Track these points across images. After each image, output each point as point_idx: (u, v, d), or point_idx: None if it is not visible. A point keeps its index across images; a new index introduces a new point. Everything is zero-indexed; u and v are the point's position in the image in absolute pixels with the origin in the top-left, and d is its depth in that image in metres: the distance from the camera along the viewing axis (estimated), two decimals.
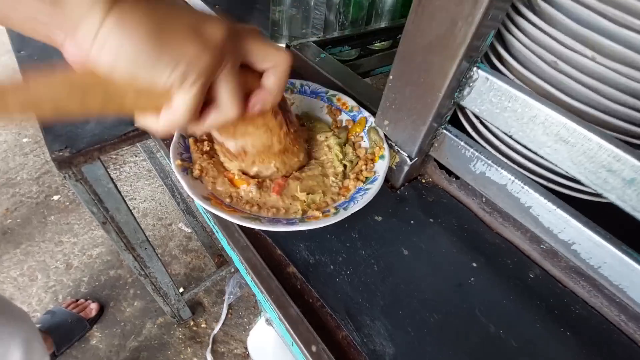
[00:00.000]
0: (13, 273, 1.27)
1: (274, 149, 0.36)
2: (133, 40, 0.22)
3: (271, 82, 0.30)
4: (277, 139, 0.36)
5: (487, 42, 0.33)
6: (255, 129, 0.34)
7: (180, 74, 0.24)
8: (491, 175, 0.38)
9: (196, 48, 0.24)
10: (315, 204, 0.37)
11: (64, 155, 0.55)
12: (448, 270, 0.37)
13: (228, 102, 0.28)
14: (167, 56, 0.23)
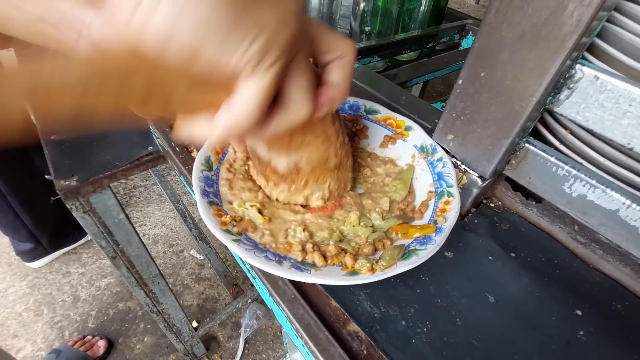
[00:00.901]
0: (18, 308, 1.20)
1: (330, 163, 0.30)
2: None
3: (339, 75, 0.24)
4: (334, 151, 0.30)
5: (596, 33, 0.26)
6: (314, 138, 0.28)
7: (261, 48, 0.17)
8: (595, 198, 0.30)
9: (280, 15, 0.17)
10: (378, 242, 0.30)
11: (70, 184, 0.49)
12: (548, 321, 0.29)
13: (300, 100, 0.22)
14: (248, 22, 0.16)
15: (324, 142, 0.29)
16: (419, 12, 0.74)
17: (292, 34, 0.18)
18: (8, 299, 1.22)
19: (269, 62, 0.18)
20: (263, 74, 0.18)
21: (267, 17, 0.17)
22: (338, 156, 0.30)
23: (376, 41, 0.67)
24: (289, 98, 0.22)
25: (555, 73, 0.26)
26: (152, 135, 0.51)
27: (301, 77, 0.21)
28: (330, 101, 0.24)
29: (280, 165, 0.29)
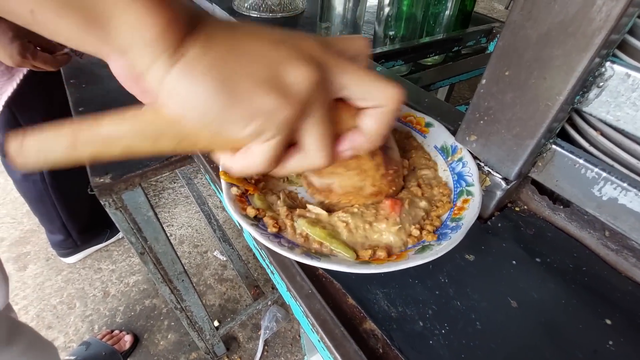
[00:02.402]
0: (53, 301, 1.27)
1: (365, 191, 0.30)
2: (200, 93, 0.19)
3: (369, 125, 0.23)
4: (370, 182, 0.29)
5: (627, 29, 0.25)
6: (346, 171, 0.28)
7: (255, 130, 0.20)
8: (627, 202, 0.28)
9: (273, 101, 0.19)
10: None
11: (104, 181, 0.52)
12: (574, 329, 0.28)
13: (315, 151, 0.22)
14: (240, 110, 0.19)
15: (358, 174, 0.29)
16: (444, 16, 0.74)
17: (289, 115, 0.20)
18: (44, 292, 1.29)
19: (267, 136, 0.20)
20: (266, 142, 0.21)
21: (262, 104, 0.19)
22: (376, 186, 0.30)
23: (400, 45, 0.67)
24: (306, 147, 0.22)
25: (583, 71, 0.25)
26: None
27: (315, 132, 0.22)
28: (353, 149, 0.24)
29: (315, 183, 0.30)
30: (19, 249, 1.42)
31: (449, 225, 0.30)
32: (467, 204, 0.31)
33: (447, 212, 0.32)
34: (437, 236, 0.29)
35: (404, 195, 0.33)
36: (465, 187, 0.32)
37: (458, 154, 0.35)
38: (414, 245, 0.29)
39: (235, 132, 0.20)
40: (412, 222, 0.30)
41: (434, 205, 0.33)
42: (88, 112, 0.66)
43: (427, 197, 0.33)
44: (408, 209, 0.31)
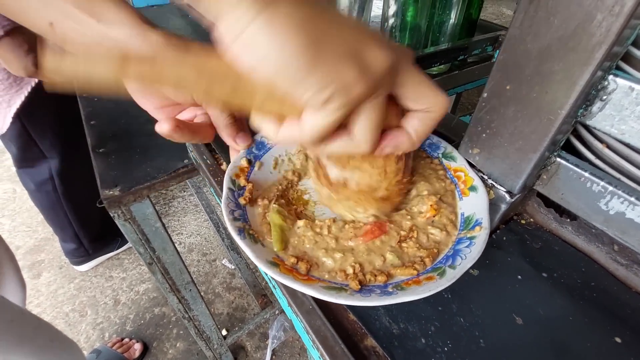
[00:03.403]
0: (65, 308, 1.29)
1: (377, 193, 0.30)
2: (285, 48, 0.18)
3: (415, 127, 0.25)
4: (386, 185, 0.30)
5: (630, 41, 0.25)
6: (371, 168, 0.28)
7: (327, 95, 0.20)
8: (635, 216, 0.28)
9: (352, 74, 0.20)
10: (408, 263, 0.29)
11: (114, 194, 0.53)
12: (582, 347, 0.27)
13: (364, 136, 0.23)
14: (319, 74, 0.19)
15: (379, 174, 0.29)
16: (449, 25, 0.74)
17: (359, 93, 0.20)
18: (57, 299, 1.32)
19: (334, 107, 0.20)
20: (327, 114, 0.20)
21: (341, 74, 0.19)
22: (389, 191, 0.30)
23: None
24: (353, 131, 0.23)
25: (584, 85, 0.25)
26: (187, 149, 0.54)
27: (370, 117, 0.22)
28: (394, 146, 0.25)
29: (332, 175, 0.30)
30: (34, 257, 1.45)
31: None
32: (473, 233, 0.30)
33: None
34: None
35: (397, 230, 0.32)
36: (446, 266, 0.28)
37: (475, 231, 0.31)
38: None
39: (306, 95, 0.20)
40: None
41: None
42: (99, 125, 0.68)
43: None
44: (386, 241, 0.30)
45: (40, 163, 0.99)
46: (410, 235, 0.31)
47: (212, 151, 0.44)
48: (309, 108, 0.21)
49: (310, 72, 0.19)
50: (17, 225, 1.58)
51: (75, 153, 1.03)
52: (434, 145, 0.39)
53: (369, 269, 0.28)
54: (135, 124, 0.69)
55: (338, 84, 0.19)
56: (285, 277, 0.25)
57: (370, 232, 0.30)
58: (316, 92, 0.20)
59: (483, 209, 0.32)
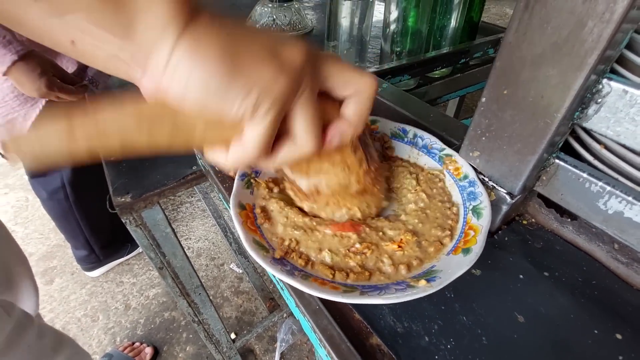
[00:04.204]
0: (77, 313, 1.31)
1: (351, 189, 0.31)
2: (204, 66, 0.20)
3: (352, 111, 0.26)
4: (355, 178, 0.30)
5: (623, 45, 0.26)
6: (332, 166, 0.29)
7: (253, 101, 0.21)
8: (633, 215, 0.28)
9: (271, 72, 0.20)
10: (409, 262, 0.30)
11: (126, 200, 0.55)
12: (584, 344, 0.28)
13: (304, 134, 0.24)
14: (240, 82, 0.20)
15: (342, 170, 0.30)
16: (450, 28, 0.75)
17: (283, 88, 0.21)
18: (70, 305, 1.34)
19: (264, 110, 0.21)
20: (260, 119, 0.21)
21: (261, 75, 0.20)
22: (361, 183, 0.31)
23: (406, 60, 0.68)
24: (295, 132, 0.24)
25: (579, 89, 0.26)
26: (196, 156, 0.56)
27: (304, 115, 0.23)
28: (339, 135, 0.26)
29: (302, 186, 0.31)
30: (46, 264, 1.48)
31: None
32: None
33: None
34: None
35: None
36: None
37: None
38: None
39: (233, 108, 0.21)
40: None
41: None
42: None
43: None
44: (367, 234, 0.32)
45: (52, 172, 1.02)
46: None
47: None
48: (243, 122, 0.22)
49: (232, 82, 0.20)
50: (30, 233, 1.61)
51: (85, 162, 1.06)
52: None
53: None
54: None
55: (260, 86, 0.20)
56: (288, 277, 0.26)
57: (342, 226, 0.31)
58: (242, 100, 0.20)
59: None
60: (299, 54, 0.22)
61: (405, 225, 0.33)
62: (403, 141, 0.41)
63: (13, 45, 0.65)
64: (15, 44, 0.65)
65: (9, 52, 0.64)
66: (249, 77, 0.20)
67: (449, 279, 0.26)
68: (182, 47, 0.19)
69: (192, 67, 0.19)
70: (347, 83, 0.25)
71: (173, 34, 0.19)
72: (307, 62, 0.22)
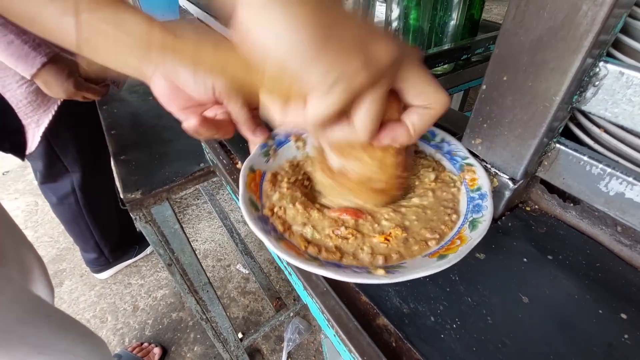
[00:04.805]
0: (87, 315, 1.33)
1: (374, 185, 0.32)
2: (298, 31, 0.20)
3: (414, 122, 0.26)
4: (384, 177, 0.31)
5: (617, 30, 0.27)
6: (369, 160, 0.30)
7: (331, 82, 0.21)
8: (634, 196, 0.29)
9: (357, 64, 0.21)
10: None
11: (136, 197, 0.56)
12: (588, 323, 0.28)
13: (363, 125, 0.24)
14: (325, 60, 0.20)
15: (378, 167, 0.30)
16: (451, 26, 0.76)
17: (361, 83, 0.21)
18: (79, 307, 1.36)
19: (336, 93, 0.21)
20: (329, 99, 0.22)
21: (346, 62, 0.21)
22: (386, 184, 0.32)
23: None
24: (356, 119, 0.24)
25: (576, 72, 0.26)
26: (204, 152, 0.57)
27: (370, 108, 0.23)
28: (392, 138, 0.27)
29: (333, 163, 0.32)
30: (56, 266, 1.50)
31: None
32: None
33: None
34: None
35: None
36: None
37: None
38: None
39: (312, 78, 0.21)
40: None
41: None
42: (119, 135, 0.72)
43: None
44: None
45: (63, 178, 1.04)
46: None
47: (228, 152, 0.47)
48: (313, 92, 0.22)
49: (319, 57, 0.20)
50: (39, 236, 1.64)
51: (95, 166, 1.08)
52: (456, 155, 0.39)
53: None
54: (153, 132, 0.72)
55: (342, 71, 0.21)
56: (265, 236, 0.28)
57: (345, 210, 0.32)
58: (322, 76, 0.21)
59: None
60: (388, 54, 0.22)
61: (402, 218, 0.33)
62: (429, 144, 0.41)
63: (42, 48, 0.66)
64: (44, 47, 0.67)
65: (38, 55, 0.66)
66: (335, 59, 0.20)
67: (406, 277, 0.26)
68: (282, 2, 0.19)
69: (288, 24, 0.20)
70: (420, 94, 0.25)
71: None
72: (393, 63, 0.22)
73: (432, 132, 0.41)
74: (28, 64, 0.65)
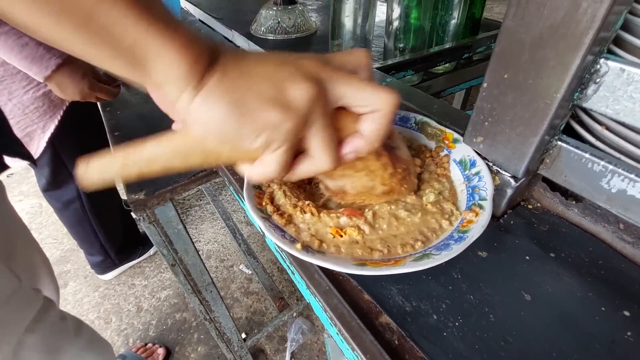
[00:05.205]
0: (91, 316, 1.34)
1: (376, 190, 0.32)
2: (219, 113, 0.23)
3: (367, 128, 0.26)
4: (380, 181, 0.32)
5: (617, 27, 0.27)
6: (355, 172, 0.31)
7: (264, 141, 0.24)
8: (636, 193, 0.29)
9: (277, 116, 0.23)
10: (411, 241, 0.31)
11: (139, 198, 0.56)
12: (591, 321, 0.28)
13: (321, 156, 0.26)
14: (250, 125, 0.23)
15: (366, 175, 0.31)
16: (452, 25, 0.76)
17: (291, 127, 0.23)
18: (83, 308, 1.36)
19: (275, 146, 0.24)
20: (274, 152, 0.25)
21: (267, 119, 0.23)
22: (386, 185, 0.32)
23: (410, 56, 0.69)
24: (312, 152, 0.26)
25: (576, 69, 0.26)
26: None
27: (318, 139, 0.25)
28: (355, 151, 0.27)
29: (329, 185, 0.33)
30: (60, 268, 1.51)
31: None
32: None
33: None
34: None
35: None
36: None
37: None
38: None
39: (248, 144, 0.24)
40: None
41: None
42: (123, 136, 0.72)
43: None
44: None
45: (68, 184, 1.04)
46: None
47: None
48: (256, 154, 0.25)
49: (243, 125, 0.23)
50: (44, 238, 1.65)
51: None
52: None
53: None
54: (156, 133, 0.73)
55: (268, 127, 0.23)
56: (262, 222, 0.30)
57: (353, 211, 0.33)
58: (254, 139, 0.23)
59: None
60: (305, 93, 0.23)
61: (374, 220, 0.33)
62: (463, 172, 0.38)
63: (56, 50, 0.67)
64: (57, 49, 0.67)
65: (53, 56, 0.66)
66: (257, 120, 0.23)
67: (374, 272, 0.28)
68: (199, 100, 0.22)
69: (209, 115, 0.23)
70: (362, 102, 0.25)
71: (189, 92, 0.22)
72: (315, 98, 0.23)
73: (474, 162, 0.37)
74: (43, 65, 0.66)
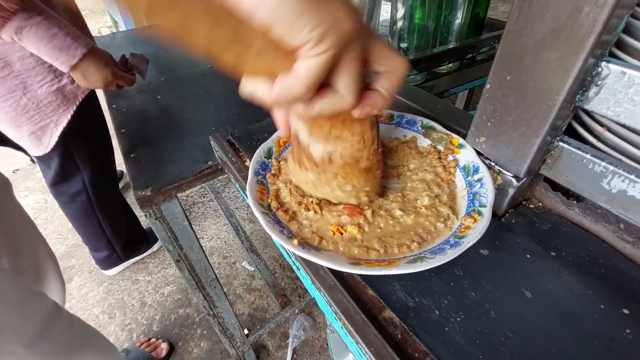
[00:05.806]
0: (95, 310, 1.35)
1: (360, 164, 0.33)
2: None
3: (384, 86, 0.28)
4: (366, 154, 0.32)
5: (619, 30, 0.27)
6: (350, 135, 0.31)
7: (320, 33, 0.22)
8: (636, 193, 0.30)
9: (343, 12, 0.22)
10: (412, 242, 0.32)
11: (146, 194, 0.57)
12: (590, 318, 0.29)
13: (347, 89, 0.26)
14: (313, 12, 0.21)
15: (359, 142, 0.32)
16: (456, 25, 0.76)
17: (347, 31, 0.22)
18: (88, 302, 1.38)
19: (323, 48, 0.22)
20: (317, 57, 0.22)
21: (333, 12, 0.22)
22: (370, 160, 0.33)
23: (414, 55, 0.70)
24: (337, 86, 0.26)
25: (578, 71, 0.27)
26: (212, 150, 0.58)
27: (351, 71, 0.25)
28: (371, 104, 0.28)
29: (316, 152, 0.32)
30: (65, 263, 1.53)
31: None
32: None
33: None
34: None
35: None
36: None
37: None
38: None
39: (299, 34, 0.22)
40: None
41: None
42: (130, 133, 0.73)
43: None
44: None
45: (75, 176, 1.05)
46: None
47: (236, 150, 0.48)
48: (301, 52, 0.23)
49: (306, 10, 0.21)
50: (49, 233, 1.67)
51: (102, 162, 1.10)
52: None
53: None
54: (162, 130, 0.74)
55: (330, 22, 0.22)
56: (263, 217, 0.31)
57: (352, 209, 0.34)
58: (311, 29, 0.21)
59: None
60: (359, 10, 0.23)
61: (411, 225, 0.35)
62: (466, 178, 0.38)
63: (82, 39, 0.69)
64: (83, 39, 0.69)
65: (79, 46, 0.68)
66: (323, 10, 0.21)
67: (367, 272, 0.29)
68: None
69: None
70: (384, 61, 0.27)
71: None
72: (363, 29, 0.24)
73: (477, 168, 0.37)
74: (70, 54, 0.68)
